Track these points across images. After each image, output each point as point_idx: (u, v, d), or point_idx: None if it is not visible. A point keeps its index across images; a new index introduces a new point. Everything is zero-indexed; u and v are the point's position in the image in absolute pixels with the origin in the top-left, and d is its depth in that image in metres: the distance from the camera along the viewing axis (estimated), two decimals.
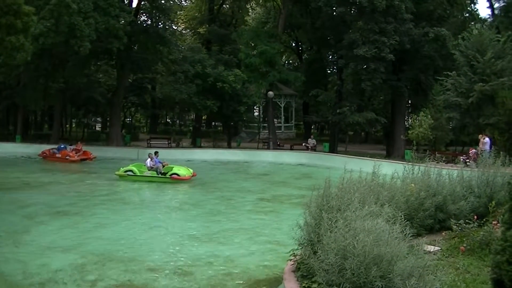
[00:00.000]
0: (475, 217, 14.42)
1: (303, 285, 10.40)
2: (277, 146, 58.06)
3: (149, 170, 36.11)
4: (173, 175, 35.20)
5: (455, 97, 46.20)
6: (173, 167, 36.23)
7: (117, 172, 36.73)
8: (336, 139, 57.65)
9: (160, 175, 35.58)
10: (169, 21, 61.73)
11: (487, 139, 39.63)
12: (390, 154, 52.38)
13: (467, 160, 39.08)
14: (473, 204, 15.85)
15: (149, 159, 36.69)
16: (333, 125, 57.15)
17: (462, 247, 13.05)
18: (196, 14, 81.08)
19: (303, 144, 58.87)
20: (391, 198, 13.23)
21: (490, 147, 38.33)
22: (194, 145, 60.03)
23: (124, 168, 36.74)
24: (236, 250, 18.12)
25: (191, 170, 36.66)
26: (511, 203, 9.17)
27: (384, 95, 61.09)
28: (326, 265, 9.26)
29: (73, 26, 44.00)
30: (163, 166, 36.24)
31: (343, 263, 8.98)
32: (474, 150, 40.87)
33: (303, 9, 63.58)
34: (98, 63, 63.38)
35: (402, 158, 45.48)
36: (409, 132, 47.86)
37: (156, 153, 37.75)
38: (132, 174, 36.12)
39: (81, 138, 64.25)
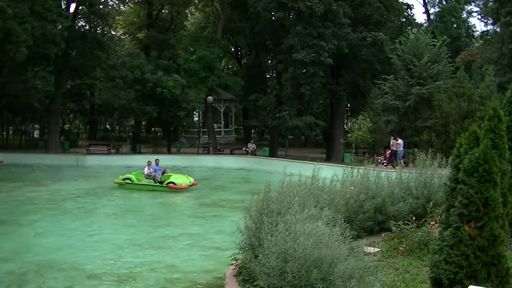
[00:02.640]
0: (414, 218, 14.63)
1: None
2: (217, 151, 58.00)
3: (146, 178, 35.31)
4: (169, 184, 34.23)
5: (393, 101, 46.98)
6: (171, 175, 35.24)
7: (115, 180, 36.02)
8: (275, 143, 57.88)
9: (157, 184, 34.76)
10: (107, 27, 61.04)
11: (400, 141, 41.50)
12: (329, 158, 52.84)
13: (384, 161, 39.97)
14: (412, 206, 16.09)
15: (146, 167, 35.89)
16: (273, 130, 57.38)
17: (401, 248, 13.22)
18: (135, 19, 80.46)
19: (243, 148, 58.98)
20: (330, 201, 13.31)
21: (404, 148, 40.17)
22: (134, 151, 59.52)
23: (123, 176, 35.95)
24: (177, 255, 18.00)
25: (191, 179, 35.58)
26: (447, 203, 9.31)
27: (323, 99, 61.57)
28: (267, 268, 9.26)
29: (9, 31, 43.11)
30: (163, 174, 35.36)
31: (284, 266, 8.99)
32: (389, 151, 41.93)
33: (242, 14, 63.60)
34: (35, 69, 62.21)
35: (341, 161, 45.90)
36: (348, 135, 48.37)
37: (156, 160, 36.68)
38: (130, 182, 35.29)
39: (18, 146, 63.19)
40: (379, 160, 41.52)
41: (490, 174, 8.77)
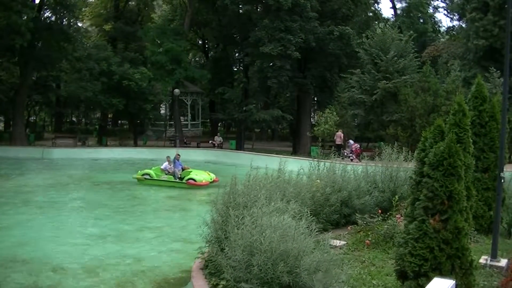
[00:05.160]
0: (379, 211, 14.78)
1: (212, 282, 10.39)
2: (184, 144, 57.79)
3: (166, 174, 34.42)
4: (189, 180, 33.13)
5: (359, 94, 47.27)
6: (191, 171, 34.06)
7: (134, 176, 35.28)
8: (242, 136, 57.88)
9: (177, 180, 33.80)
10: (74, 18, 60.41)
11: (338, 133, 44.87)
12: (296, 151, 52.97)
13: (350, 155, 40.46)
14: (377, 199, 16.23)
15: (166, 162, 34.96)
16: (240, 123, 57.37)
17: (367, 241, 13.32)
18: (102, 11, 79.78)
19: (210, 141, 58.95)
20: (297, 194, 13.36)
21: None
22: (100, 143, 59.12)
23: (142, 172, 35.22)
24: (144, 249, 17.92)
25: (213, 176, 34.13)
26: (413, 197, 9.38)
27: (290, 92, 61.60)
28: (234, 261, 9.26)
29: None
30: (183, 170, 34.36)
31: (250, 260, 9.00)
32: (356, 145, 42.43)
33: (209, 7, 63.32)
34: (0, 60, 61.42)
35: (308, 154, 46.05)
36: (315, 129, 48.53)
37: (177, 156, 35.64)
38: (149, 178, 34.51)
39: None
40: (345, 153, 41.83)
41: (455, 168, 8.85)
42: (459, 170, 8.91)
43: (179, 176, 33.79)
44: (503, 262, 11.47)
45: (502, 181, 12.06)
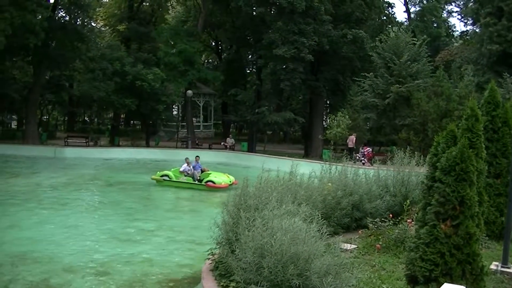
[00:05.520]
0: (391, 215, 14.70)
1: (221, 284, 10.39)
2: (196, 145, 57.86)
3: (185, 176, 34.24)
4: (208, 183, 32.83)
5: (372, 98, 47.21)
6: (210, 173, 33.90)
7: (153, 177, 35.10)
8: (254, 138, 57.90)
9: (196, 182, 33.60)
10: (88, 18, 60.71)
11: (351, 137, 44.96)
12: (308, 154, 52.91)
13: (362, 159, 40.40)
14: (389, 203, 16.17)
15: (185, 164, 34.81)
16: (252, 125, 57.39)
17: (378, 245, 13.27)
18: (116, 11, 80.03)
19: (222, 143, 58.98)
20: (308, 197, 13.35)
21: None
22: (112, 143, 59.30)
23: (161, 173, 35.08)
24: (154, 249, 17.95)
25: (232, 178, 33.58)
26: (424, 201, 9.36)
27: (302, 95, 61.62)
28: (244, 263, 9.26)
29: None
30: (202, 172, 34.24)
31: (261, 262, 8.99)
32: (368, 149, 42.36)
33: (223, 9, 63.49)
34: (14, 59, 61.68)
35: (320, 157, 45.94)
36: (327, 132, 48.51)
37: (196, 158, 35.71)
38: (168, 179, 34.34)
39: None
40: (357, 157, 41.77)
41: (467, 173, 8.83)
42: (471, 176, 8.89)
43: (198, 178, 33.59)
44: None
45: None
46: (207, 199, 29.94)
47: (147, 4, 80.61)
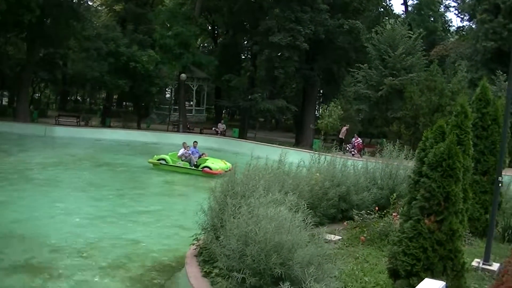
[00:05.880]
0: (377, 208, 14.77)
1: (204, 269, 10.45)
2: (187, 129, 57.78)
3: (182, 160, 33.85)
4: (204, 168, 32.41)
5: (365, 90, 47.27)
6: (207, 159, 33.54)
7: (150, 160, 34.73)
8: (246, 125, 57.94)
9: (192, 167, 33.25)
10: None
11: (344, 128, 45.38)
12: (299, 143, 52.97)
13: (352, 150, 40.51)
14: (376, 196, 16.25)
15: (182, 149, 34.37)
16: (244, 111, 57.39)
17: (362, 237, 13.36)
18: None
19: (213, 128, 58.92)
20: (295, 187, 13.38)
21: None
22: (104, 124, 59.20)
23: (158, 156, 34.74)
24: (140, 232, 17.93)
25: (229, 165, 32.30)
26: (410, 196, 9.41)
27: (296, 83, 61.68)
28: (228, 250, 9.30)
29: None
30: (200, 157, 33.93)
31: (244, 249, 9.03)
32: (359, 140, 42.47)
33: None
34: (8, 35, 61.27)
35: (310, 147, 45.99)
36: (319, 121, 48.53)
37: (194, 143, 35.46)
38: (165, 163, 33.98)
39: None
40: (347, 148, 41.84)
41: (453, 170, 8.88)
42: (457, 172, 8.93)
43: (195, 163, 33.37)
44: (495, 266, 11.51)
45: (500, 185, 12.09)
46: (196, 184, 29.87)
47: None
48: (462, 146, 11.26)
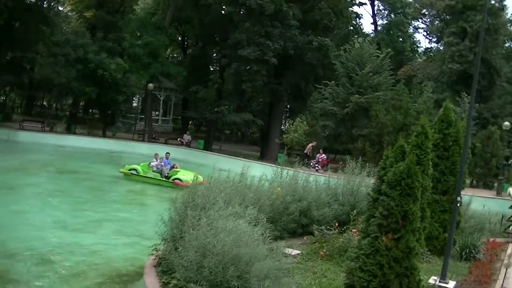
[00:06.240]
0: (337, 224, 14.86)
1: (163, 280, 10.45)
2: (152, 139, 57.49)
3: (153, 171, 33.57)
4: (175, 180, 31.94)
5: (331, 106, 47.59)
6: (179, 171, 33.30)
7: (121, 170, 34.29)
8: (211, 137, 57.91)
9: (163, 179, 33.00)
10: (55, 1, 59.97)
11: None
12: (263, 156, 53.02)
13: (316, 165, 40.73)
14: (337, 212, 16.36)
15: (154, 159, 34.19)
16: (210, 123, 57.37)
17: (321, 252, 13.44)
18: None
19: (178, 139, 58.66)
20: (256, 200, 13.43)
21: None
22: (69, 131, 58.65)
23: (129, 166, 34.34)
24: (100, 241, 17.82)
25: (201, 177, 32.68)
26: (369, 213, 9.52)
27: (263, 97, 61.85)
28: (186, 262, 9.32)
29: None
30: (171, 169, 33.76)
31: (202, 261, 9.06)
32: (323, 156, 42.72)
33: (192, 4, 63.08)
34: None
35: (275, 161, 46.01)
36: (284, 136, 48.65)
37: (167, 154, 35.46)
38: (136, 173, 33.58)
39: None
40: (311, 164, 41.98)
41: (412, 189, 9.00)
42: (415, 191, 9.06)
43: (166, 174, 33.18)
44: (451, 284, 11.63)
45: (459, 204, 12.26)
46: (159, 194, 29.75)
47: None
48: (421, 166, 11.42)
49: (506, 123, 43.24)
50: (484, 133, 43.94)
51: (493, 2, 52.86)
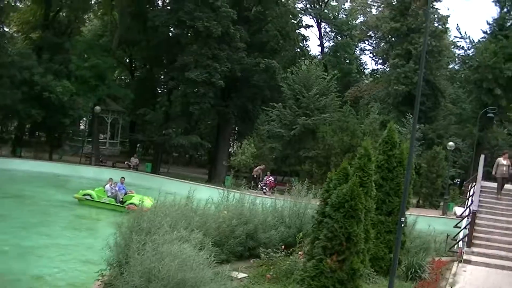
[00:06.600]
0: (284, 246, 14.90)
1: None
2: (100, 162, 56.97)
3: (108, 196, 33.12)
4: (130, 205, 29.85)
5: (278, 128, 47.81)
6: (133, 196, 32.49)
7: (75, 195, 33.69)
8: (159, 159, 57.61)
9: (118, 204, 32.43)
10: (0, 22, 59.20)
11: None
12: (211, 179, 52.91)
13: (264, 188, 40.86)
14: (283, 234, 16.39)
15: (108, 184, 33.74)
16: (158, 146, 57.10)
17: (268, 275, 13.44)
18: (30, 18, 78.10)
19: (126, 162, 58.21)
20: (202, 224, 13.43)
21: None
22: (14, 154, 57.78)
23: (83, 191, 33.78)
24: (46, 267, 17.61)
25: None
26: (313, 236, 9.59)
27: (211, 120, 61.86)
28: (131, 287, 9.26)
29: None
30: (126, 194, 33.38)
31: (147, 286, 9.02)
32: (271, 178, 42.85)
33: (139, 26, 62.97)
34: None
35: (223, 183, 45.99)
36: (232, 158, 48.72)
37: (121, 179, 34.97)
38: (90, 198, 33.08)
39: None
40: (259, 186, 42.05)
41: (355, 211, 9.11)
42: (359, 213, 9.17)
43: (121, 199, 32.83)
44: None
45: (403, 225, 12.40)
46: (106, 219, 29.45)
47: (64, 14, 79.07)
48: (364, 187, 11.56)
49: (451, 143, 43.97)
50: (429, 154, 44.57)
51: (436, 24, 54.05)
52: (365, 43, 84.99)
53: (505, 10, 53.86)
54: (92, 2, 72.06)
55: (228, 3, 49.80)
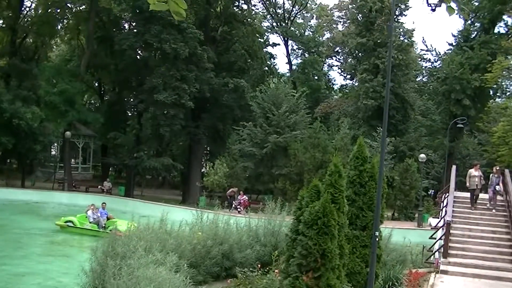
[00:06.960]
0: (260, 265, 14.92)
1: None
2: (73, 188, 56.62)
3: (90, 222, 32.69)
4: (112, 230, 31.02)
5: (250, 147, 47.89)
6: (116, 221, 30.82)
7: (57, 222, 33.22)
8: (132, 182, 57.39)
9: (101, 229, 31.88)
10: None
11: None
12: (185, 200, 52.79)
13: (238, 207, 40.95)
14: (259, 253, 16.41)
15: (90, 210, 33.30)
16: (130, 169, 56.90)
17: None
18: None
19: (99, 186, 57.90)
20: (177, 246, 13.44)
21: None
22: None
23: (65, 218, 33.33)
24: None
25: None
26: (288, 254, 9.65)
27: (182, 141, 61.81)
28: None
29: None
30: (108, 219, 32.81)
31: None
32: (245, 197, 42.99)
33: (107, 50, 63.05)
34: None
35: (197, 204, 45.89)
36: (205, 179, 48.70)
37: (103, 204, 34.49)
38: (72, 225, 32.63)
39: None
40: (234, 205, 42.05)
41: (329, 227, 9.18)
42: (332, 230, 9.24)
43: (103, 225, 32.44)
44: None
45: (378, 239, 12.51)
46: (81, 244, 29.29)
47: (31, 40, 78.82)
48: (336, 204, 11.63)
49: (422, 155, 44.33)
50: (401, 166, 44.92)
51: (402, 38, 54.70)
52: (332, 59, 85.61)
53: (469, 22, 54.78)
54: (59, 27, 71.66)
55: (194, 24, 50.15)
